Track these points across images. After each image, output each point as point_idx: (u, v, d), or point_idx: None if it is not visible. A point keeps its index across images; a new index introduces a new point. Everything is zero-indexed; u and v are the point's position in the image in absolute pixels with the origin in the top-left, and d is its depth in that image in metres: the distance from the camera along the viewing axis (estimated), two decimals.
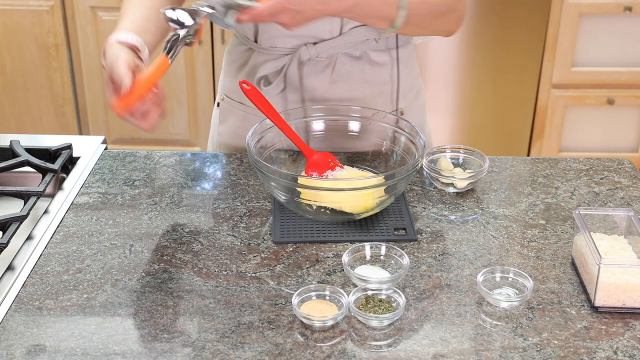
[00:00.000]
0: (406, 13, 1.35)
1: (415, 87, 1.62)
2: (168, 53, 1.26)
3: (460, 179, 1.42)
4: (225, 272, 1.22)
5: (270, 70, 1.51)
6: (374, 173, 1.45)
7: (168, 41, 1.26)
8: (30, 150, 1.51)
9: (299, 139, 1.41)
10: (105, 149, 1.59)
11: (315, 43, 1.49)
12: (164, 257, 1.25)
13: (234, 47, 1.61)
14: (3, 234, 1.27)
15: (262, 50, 1.53)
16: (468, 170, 1.45)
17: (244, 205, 1.39)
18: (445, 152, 1.49)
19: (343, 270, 1.22)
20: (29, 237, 1.29)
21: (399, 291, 1.14)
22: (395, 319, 1.11)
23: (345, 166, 1.44)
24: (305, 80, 1.51)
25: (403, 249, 1.26)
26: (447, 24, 1.46)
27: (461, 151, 1.48)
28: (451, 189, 1.43)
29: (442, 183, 1.43)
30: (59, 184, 1.46)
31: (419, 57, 2.82)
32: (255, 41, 1.54)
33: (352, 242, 1.29)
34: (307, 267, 1.23)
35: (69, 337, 1.08)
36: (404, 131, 1.43)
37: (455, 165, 1.47)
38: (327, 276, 1.21)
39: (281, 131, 1.41)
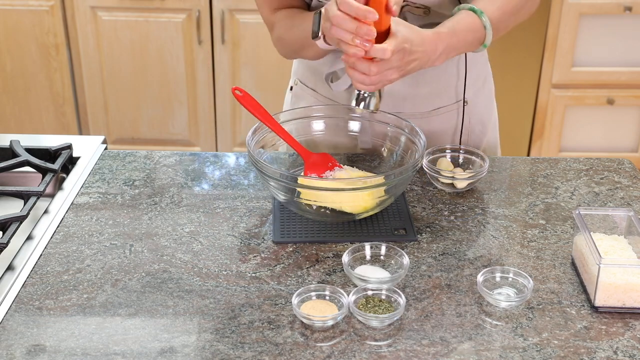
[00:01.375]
0: (491, 32, 1.38)
1: (482, 75, 1.62)
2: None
3: (460, 179, 1.42)
4: (225, 272, 1.22)
5: (341, 66, 1.50)
6: (374, 173, 1.45)
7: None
8: (30, 150, 1.51)
9: (295, 142, 1.41)
10: (105, 149, 1.59)
11: None
12: (164, 257, 1.25)
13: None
14: (3, 234, 1.27)
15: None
16: (468, 170, 1.45)
17: (244, 205, 1.39)
18: (445, 152, 1.49)
19: (343, 270, 1.22)
20: (29, 237, 1.29)
21: (399, 291, 1.14)
22: (395, 319, 1.11)
23: (345, 166, 1.44)
24: None
25: (403, 249, 1.26)
26: (527, 13, 1.49)
27: (461, 151, 1.48)
28: (451, 189, 1.43)
29: (442, 183, 1.43)
30: (59, 184, 1.46)
31: None
32: None
33: (352, 242, 1.29)
34: (307, 267, 1.23)
35: (69, 337, 1.08)
36: (404, 131, 1.43)
37: (455, 165, 1.47)
38: (327, 276, 1.21)
39: (278, 136, 1.40)
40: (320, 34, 1.31)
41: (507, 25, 1.44)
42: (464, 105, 1.57)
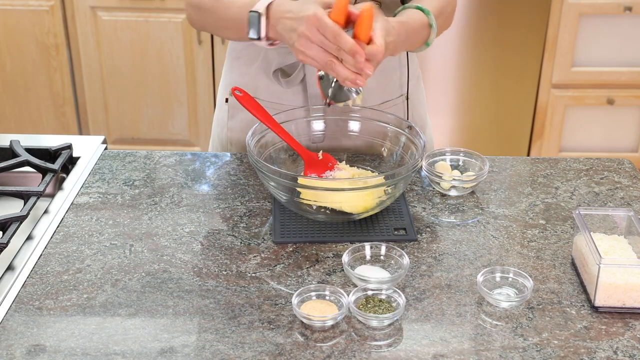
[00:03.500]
0: (436, 31, 1.40)
1: (416, 73, 1.65)
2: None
3: (460, 185, 1.41)
4: (225, 272, 1.22)
5: (288, 62, 1.51)
6: (374, 173, 1.45)
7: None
8: (30, 150, 1.51)
9: (295, 142, 1.41)
10: (105, 149, 1.59)
11: None
12: (164, 257, 1.25)
13: (239, 43, 1.58)
14: (3, 234, 1.27)
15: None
16: (468, 174, 1.44)
17: (244, 205, 1.39)
18: (445, 155, 1.48)
19: (343, 270, 1.22)
20: (29, 237, 1.29)
21: (399, 291, 1.14)
22: (395, 319, 1.11)
23: (344, 164, 1.44)
24: None
25: (403, 249, 1.26)
26: (450, 20, 1.51)
27: (461, 154, 1.48)
28: (451, 193, 1.43)
29: (442, 187, 1.43)
30: (59, 184, 1.46)
31: (420, 58, 2.82)
32: None
33: (352, 242, 1.29)
34: (307, 267, 1.23)
35: (69, 337, 1.08)
36: (404, 131, 1.43)
37: (455, 167, 1.46)
38: (327, 276, 1.21)
39: (278, 135, 1.40)
40: (262, 35, 1.30)
41: (440, 29, 1.45)
42: (407, 100, 1.60)
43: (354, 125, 1.49)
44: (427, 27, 1.39)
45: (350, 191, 1.27)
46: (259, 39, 1.31)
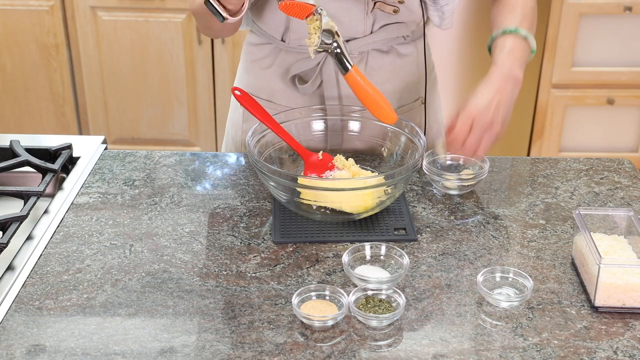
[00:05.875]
0: (533, 38, 1.47)
1: (432, 77, 1.65)
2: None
3: (460, 184, 1.41)
4: (225, 272, 1.22)
5: (305, 69, 1.51)
6: (374, 173, 1.45)
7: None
8: (30, 150, 1.51)
9: (295, 142, 1.41)
10: (105, 149, 1.59)
11: (347, 41, 1.48)
12: (164, 257, 1.25)
13: (256, 46, 1.57)
14: (3, 234, 1.27)
15: (290, 49, 1.51)
16: (467, 172, 1.44)
17: (244, 205, 1.39)
18: (445, 154, 1.48)
19: (343, 270, 1.22)
20: (29, 237, 1.29)
21: (399, 291, 1.14)
22: (395, 319, 1.11)
23: (340, 156, 1.44)
24: (341, 75, 1.51)
25: (403, 249, 1.26)
26: (535, 14, 1.55)
27: None
28: (452, 192, 1.43)
29: (443, 185, 1.43)
30: (59, 184, 1.46)
31: None
32: (282, 40, 1.52)
33: (352, 242, 1.29)
34: (307, 267, 1.23)
35: (69, 337, 1.08)
36: (404, 131, 1.43)
37: (455, 167, 1.46)
38: (327, 276, 1.21)
39: (278, 135, 1.40)
40: (224, 15, 1.30)
41: (534, 27, 1.51)
42: (425, 104, 1.61)
43: (354, 126, 1.49)
44: (523, 42, 1.44)
45: (350, 191, 1.27)
46: (223, 19, 1.31)
